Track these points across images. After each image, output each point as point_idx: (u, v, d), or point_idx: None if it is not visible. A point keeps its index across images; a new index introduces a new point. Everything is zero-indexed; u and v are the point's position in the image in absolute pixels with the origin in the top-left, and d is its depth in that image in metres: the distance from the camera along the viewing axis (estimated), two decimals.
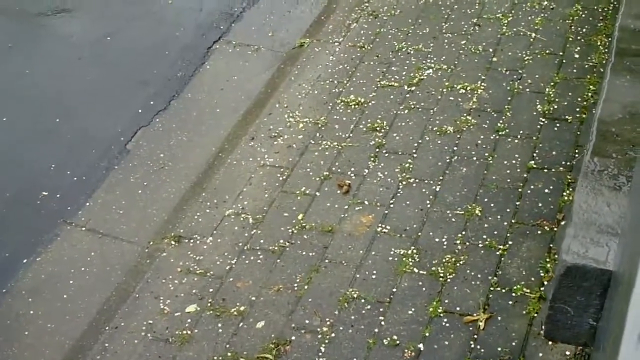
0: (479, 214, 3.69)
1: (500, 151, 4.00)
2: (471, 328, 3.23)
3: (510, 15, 4.95)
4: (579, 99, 4.20)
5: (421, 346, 3.20)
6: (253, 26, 5.50)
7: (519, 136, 4.06)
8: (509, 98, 4.31)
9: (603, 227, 2.81)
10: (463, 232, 3.62)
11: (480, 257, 3.49)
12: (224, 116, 4.73)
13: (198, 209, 4.08)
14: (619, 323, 2.11)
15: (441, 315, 3.30)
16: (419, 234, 3.66)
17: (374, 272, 3.53)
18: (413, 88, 4.53)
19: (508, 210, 3.68)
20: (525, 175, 3.84)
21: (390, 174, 4.01)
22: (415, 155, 4.08)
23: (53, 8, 5.81)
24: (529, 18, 4.90)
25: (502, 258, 3.47)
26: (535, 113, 4.18)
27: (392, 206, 3.83)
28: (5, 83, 5.21)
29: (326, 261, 3.64)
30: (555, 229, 3.53)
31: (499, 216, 3.66)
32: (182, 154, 4.52)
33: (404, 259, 3.56)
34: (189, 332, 3.46)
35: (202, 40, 5.42)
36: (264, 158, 4.29)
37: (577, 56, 4.51)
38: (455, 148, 4.07)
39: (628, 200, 2.85)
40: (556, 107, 4.18)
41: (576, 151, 3.90)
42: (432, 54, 4.77)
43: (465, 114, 4.26)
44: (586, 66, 4.42)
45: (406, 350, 3.19)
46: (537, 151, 3.95)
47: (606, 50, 4.46)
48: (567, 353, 3.03)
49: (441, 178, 3.92)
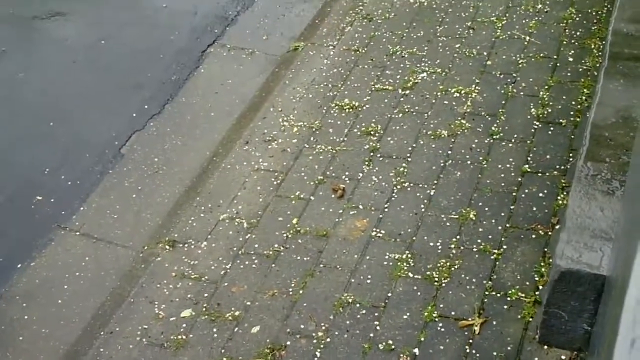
0: (474, 218, 3.69)
1: (494, 155, 4.00)
2: (466, 332, 3.23)
3: (504, 18, 4.96)
4: (573, 103, 4.21)
5: (416, 351, 3.20)
6: (247, 30, 5.50)
7: (513, 140, 4.06)
8: (503, 102, 4.31)
9: (597, 232, 2.82)
10: (458, 237, 3.62)
11: (475, 262, 3.49)
12: (219, 120, 4.72)
13: (192, 214, 4.08)
14: (613, 328, 2.11)
15: (436, 319, 3.30)
16: (414, 239, 3.66)
17: (369, 277, 3.53)
18: (407, 92, 4.53)
19: (502, 214, 3.68)
20: (519, 179, 3.84)
21: (384, 178, 4.01)
22: (409, 159, 4.08)
23: (47, 12, 5.81)
24: (523, 21, 4.90)
25: (497, 262, 3.47)
26: (529, 117, 4.18)
27: (387, 210, 3.83)
28: None
29: (321, 266, 3.64)
30: (549, 233, 3.53)
31: (494, 220, 3.66)
32: (177, 158, 4.51)
33: (399, 264, 3.56)
34: (184, 337, 3.46)
35: (197, 43, 5.42)
36: (258, 162, 4.29)
37: (571, 59, 4.52)
38: (449, 152, 4.07)
39: (621, 204, 2.86)
40: (550, 111, 4.19)
41: (570, 155, 3.90)
42: (427, 58, 4.77)
43: (459, 118, 4.26)
44: (580, 69, 4.42)
45: (401, 355, 3.19)
46: (532, 155, 3.95)
47: (600, 53, 4.46)
48: (563, 358, 3.03)
49: (435, 182, 3.92)
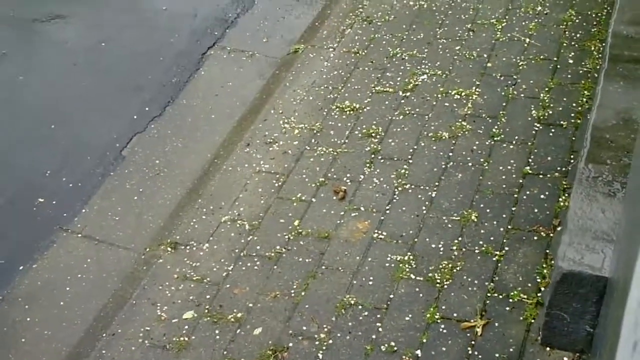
0: (475, 220, 3.70)
1: (495, 157, 4.01)
2: (468, 334, 3.24)
3: (504, 20, 4.97)
4: (574, 104, 4.22)
5: (419, 352, 3.20)
6: (247, 32, 5.51)
7: (514, 142, 4.07)
8: (504, 103, 4.32)
9: (598, 234, 2.82)
10: (459, 238, 3.63)
11: (476, 263, 3.50)
12: (219, 122, 4.73)
13: (194, 216, 4.08)
14: (615, 330, 2.12)
15: (438, 321, 3.31)
16: (415, 240, 3.66)
17: (371, 279, 3.54)
18: (408, 94, 4.54)
19: (504, 215, 3.69)
20: (520, 180, 3.85)
21: (385, 180, 4.02)
22: (410, 161, 4.09)
23: (47, 14, 5.81)
24: (523, 23, 4.91)
25: (499, 264, 3.48)
26: (530, 118, 4.19)
27: (388, 212, 3.84)
28: None
29: (323, 267, 3.64)
30: (551, 235, 3.54)
31: (495, 222, 3.67)
32: (178, 160, 4.52)
33: (401, 265, 3.56)
34: (186, 339, 3.46)
35: (197, 46, 5.43)
36: (260, 164, 4.29)
37: (572, 61, 4.52)
38: (450, 154, 4.08)
39: (623, 206, 2.87)
40: (551, 113, 4.20)
41: (571, 156, 3.90)
42: (427, 60, 4.78)
43: (460, 120, 4.27)
44: (580, 71, 4.43)
45: (404, 356, 3.20)
46: (533, 157, 3.96)
47: (600, 55, 4.47)
48: (565, 359, 3.04)
49: (437, 184, 3.93)
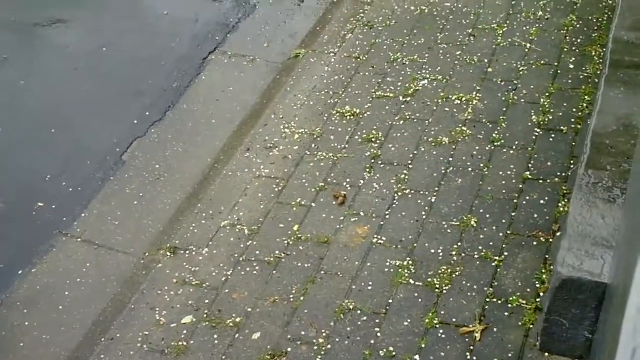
0: (475, 225, 3.69)
1: (495, 162, 4.01)
2: (467, 339, 3.23)
3: (505, 25, 4.97)
4: (574, 110, 4.21)
5: (417, 357, 3.19)
6: (248, 37, 5.51)
7: (514, 147, 4.07)
8: (504, 108, 4.32)
9: (598, 240, 2.82)
10: (459, 243, 3.63)
11: (475, 268, 3.50)
12: (220, 127, 4.73)
13: (193, 220, 4.08)
14: (614, 336, 2.11)
15: (437, 326, 3.30)
16: (415, 245, 3.66)
17: (370, 283, 3.53)
18: (408, 99, 4.54)
19: (503, 221, 3.68)
20: (520, 186, 3.84)
21: (385, 185, 4.01)
22: (410, 166, 4.09)
23: (48, 19, 5.82)
24: (524, 28, 4.91)
25: (498, 269, 3.47)
26: (530, 123, 4.19)
27: (388, 217, 3.83)
28: (0, 94, 5.21)
29: (322, 272, 3.64)
30: (550, 240, 3.53)
31: (495, 227, 3.67)
32: (178, 165, 4.52)
33: (400, 270, 3.56)
34: (185, 343, 3.46)
35: (198, 50, 5.43)
36: (260, 169, 4.29)
37: (572, 66, 4.52)
38: (450, 159, 4.08)
39: (622, 212, 2.86)
40: (551, 118, 4.19)
41: (571, 162, 3.90)
42: (427, 65, 4.78)
43: (460, 125, 4.27)
44: (581, 76, 4.43)
45: None
46: (532, 162, 3.96)
47: (601, 60, 4.47)
48: None
49: (436, 189, 3.93)
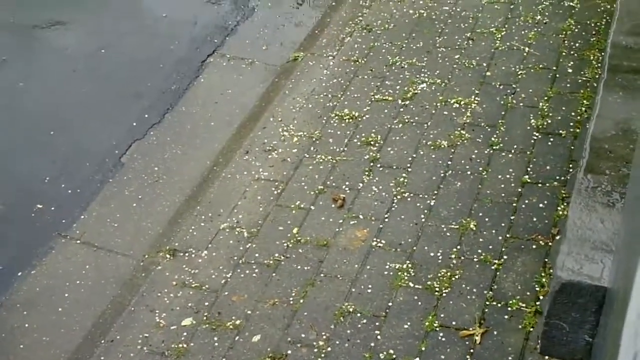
0: (474, 229, 3.71)
1: (494, 166, 4.02)
2: (467, 342, 3.24)
3: (503, 29, 4.98)
4: (573, 114, 4.23)
5: None
6: (247, 40, 5.52)
7: (513, 151, 4.08)
8: (503, 112, 4.34)
9: (597, 244, 2.83)
10: (458, 247, 3.64)
11: (475, 272, 3.51)
12: (219, 130, 4.74)
13: (193, 223, 4.09)
14: (615, 341, 2.13)
15: (437, 329, 3.31)
16: (414, 248, 3.67)
17: (370, 286, 3.54)
18: (407, 102, 4.55)
19: (503, 224, 3.70)
20: (519, 189, 3.86)
21: (384, 188, 4.02)
22: (409, 169, 4.10)
23: (48, 21, 5.82)
24: (523, 32, 4.93)
25: (498, 272, 3.48)
26: (529, 127, 4.20)
27: (387, 220, 3.84)
28: None
29: (321, 275, 3.65)
30: (550, 244, 3.54)
31: (494, 230, 3.68)
32: (177, 167, 4.53)
33: (399, 273, 3.57)
34: (185, 346, 3.46)
35: (197, 53, 5.44)
36: (259, 172, 4.30)
37: (571, 71, 4.54)
38: (449, 162, 4.09)
39: (622, 216, 2.88)
40: (550, 122, 4.21)
41: (570, 166, 3.91)
42: (426, 68, 4.79)
43: (459, 129, 4.28)
44: (579, 81, 4.45)
45: None
46: (531, 166, 3.97)
47: (599, 64, 4.48)
48: None
49: (436, 192, 3.94)
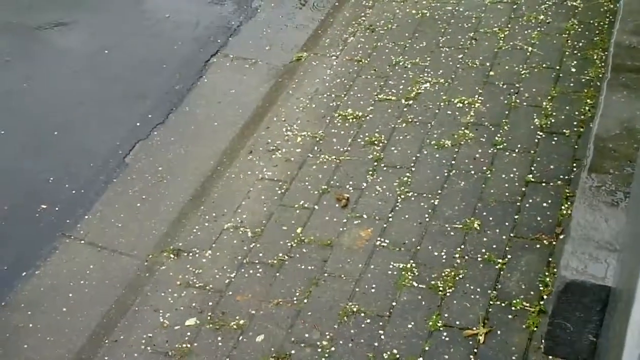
0: (478, 228, 3.70)
1: (498, 165, 4.02)
2: (471, 342, 3.24)
3: (506, 29, 4.98)
4: (576, 113, 4.23)
5: None
6: (250, 40, 5.52)
7: (517, 150, 4.08)
8: (507, 112, 4.33)
9: (601, 243, 2.83)
10: (462, 246, 3.64)
11: (479, 271, 3.51)
12: (222, 130, 4.74)
13: (197, 223, 4.09)
14: (619, 341, 2.12)
15: (441, 329, 3.31)
16: (418, 248, 3.67)
17: (374, 286, 3.54)
18: (411, 102, 4.55)
19: (507, 224, 3.70)
20: (523, 189, 3.86)
21: (388, 188, 4.02)
22: (413, 169, 4.10)
23: (51, 22, 5.83)
24: (526, 32, 4.92)
25: (502, 272, 3.48)
26: (532, 127, 4.20)
27: (391, 220, 3.84)
28: (2, 96, 5.22)
29: (325, 275, 3.65)
30: (554, 243, 3.54)
31: (498, 230, 3.68)
32: (180, 168, 4.53)
33: (403, 273, 3.57)
34: (189, 346, 3.46)
35: (200, 53, 5.44)
36: (262, 172, 4.30)
37: (574, 70, 4.54)
38: (453, 162, 4.09)
39: (626, 216, 2.87)
40: (554, 121, 4.21)
41: (574, 165, 3.91)
42: (429, 68, 4.79)
43: (463, 128, 4.28)
44: (583, 80, 4.45)
45: None
46: (535, 165, 3.97)
47: (602, 64, 4.48)
48: None
49: (439, 192, 3.94)
